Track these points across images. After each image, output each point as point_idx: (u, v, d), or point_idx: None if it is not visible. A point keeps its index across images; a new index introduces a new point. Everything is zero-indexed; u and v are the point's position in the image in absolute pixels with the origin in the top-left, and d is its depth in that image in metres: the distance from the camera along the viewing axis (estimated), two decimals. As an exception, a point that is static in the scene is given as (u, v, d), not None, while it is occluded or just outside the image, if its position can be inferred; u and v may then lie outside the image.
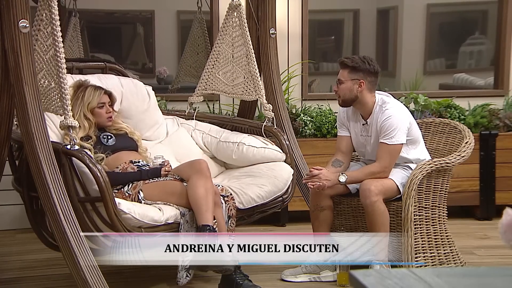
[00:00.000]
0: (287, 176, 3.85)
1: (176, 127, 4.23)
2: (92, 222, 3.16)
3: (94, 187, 3.07)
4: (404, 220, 3.49)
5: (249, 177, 3.84)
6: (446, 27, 7.29)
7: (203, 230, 3.22)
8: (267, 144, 3.97)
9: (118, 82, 4.03)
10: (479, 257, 4.10)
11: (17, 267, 3.96)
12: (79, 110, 3.53)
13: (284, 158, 3.96)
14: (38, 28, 3.12)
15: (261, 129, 4.05)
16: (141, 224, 3.17)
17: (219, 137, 4.09)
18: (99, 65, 4.17)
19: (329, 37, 7.40)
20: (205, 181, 3.34)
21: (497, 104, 5.13)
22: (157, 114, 4.20)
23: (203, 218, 3.25)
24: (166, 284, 3.65)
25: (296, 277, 3.68)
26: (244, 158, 3.97)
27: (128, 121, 3.90)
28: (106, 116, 3.63)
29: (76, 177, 3.11)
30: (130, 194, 3.35)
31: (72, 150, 3.07)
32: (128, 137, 3.72)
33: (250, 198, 3.63)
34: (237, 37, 4.16)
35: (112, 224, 3.08)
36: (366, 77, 3.58)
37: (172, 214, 3.30)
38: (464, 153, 3.69)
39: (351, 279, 1.45)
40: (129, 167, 3.47)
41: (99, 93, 3.63)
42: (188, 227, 3.33)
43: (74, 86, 3.61)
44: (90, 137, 3.53)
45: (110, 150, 3.53)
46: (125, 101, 3.99)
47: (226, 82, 4.24)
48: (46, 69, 3.13)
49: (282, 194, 3.82)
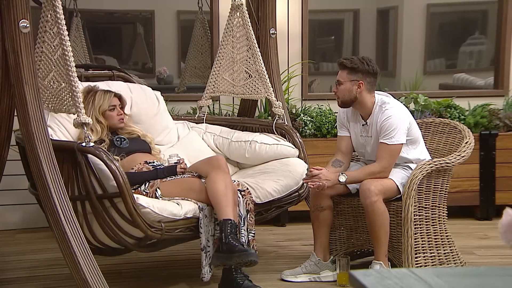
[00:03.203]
0: (302, 170, 3.85)
1: (187, 131, 4.25)
2: (112, 220, 3.14)
3: (111, 183, 3.06)
4: (404, 220, 3.49)
5: (264, 173, 3.85)
6: (446, 27, 7.29)
7: (225, 225, 3.23)
8: (279, 140, 3.99)
9: (127, 88, 4.06)
10: (479, 257, 4.10)
11: (17, 267, 3.96)
12: (90, 114, 3.54)
13: (297, 153, 3.98)
14: (44, 29, 3.12)
15: (272, 127, 4.07)
16: (161, 218, 3.17)
17: (231, 138, 4.11)
18: (107, 73, 4.21)
19: (329, 37, 7.40)
20: (224, 176, 3.36)
21: (497, 104, 5.14)
22: (167, 118, 4.22)
23: (224, 213, 3.26)
24: (166, 284, 3.66)
25: (296, 277, 3.68)
26: (257, 156, 3.98)
27: (139, 126, 3.91)
28: (117, 118, 3.67)
29: (93, 174, 3.10)
30: (148, 192, 3.36)
31: (87, 147, 3.07)
32: (141, 139, 3.75)
33: (266, 192, 3.64)
34: (241, 37, 4.17)
35: (132, 219, 3.08)
36: (365, 77, 3.58)
37: (190, 209, 3.30)
38: (464, 153, 3.69)
39: (351, 279, 1.45)
40: (144, 168, 3.49)
41: (109, 96, 3.66)
42: (208, 221, 3.34)
43: (84, 91, 3.62)
44: (104, 140, 3.56)
45: (124, 152, 3.55)
46: (134, 107, 4.01)
47: (234, 83, 4.24)
48: (55, 70, 3.12)
49: (298, 188, 3.83)
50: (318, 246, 3.71)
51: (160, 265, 4.00)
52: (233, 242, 3.20)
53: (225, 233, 3.21)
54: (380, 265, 3.51)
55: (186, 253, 4.10)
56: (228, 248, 3.20)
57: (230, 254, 3.20)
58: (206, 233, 3.32)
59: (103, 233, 3.20)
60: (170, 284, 3.64)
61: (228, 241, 3.20)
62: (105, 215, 3.14)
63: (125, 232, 3.17)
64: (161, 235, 3.18)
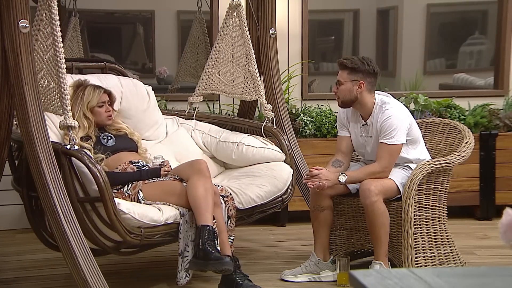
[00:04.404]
0: (287, 176, 3.86)
1: (176, 127, 4.23)
2: (92, 223, 3.16)
3: (93, 187, 3.07)
4: (404, 220, 3.49)
5: (249, 177, 3.84)
6: (446, 27, 7.29)
7: (202, 231, 3.22)
8: (266, 144, 3.97)
9: (117, 82, 4.03)
10: (479, 257, 4.10)
11: (17, 267, 3.96)
12: (78, 109, 3.53)
13: (283, 158, 3.96)
14: (38, 28, 3.12)
15: (261, 129, 4.05)
16: (141, 224, 3.17)
17: (219, 137, 4.09)
18: (99, 65, 4.17)
19: (329, 37, 7.39)
20: (204, 181, 3.34)
21: (497, 104, 5.13)
22: (156, 114, 4.20)
23: (202, 218, 3.25)
24: (165, 284, 3.65)
25: (296, 277, 3.68)
26: (243, 158, 3.97)
27: (127, 121, 3.89)
28: (105, 115, 3.63)
29: (76, 177, 3.11)
30: (130, 194, 3.35)
31: (71, 150, 3.07)
32: (128, 137, 3.72)
33: (249, 198, 3.63)
34: (237, 37, 4.16)
35: (111, 224, 3.08)
36: (366, 78, 3.58)
37: (171, 214, 3.30)
38: (464, 153, 3.69)
39: (351, 279, 1.45)
40: (128, 168, 3.47)
41: (98, 92, 3.63)
42: (188, 227, 3.33)
43: (73, 85, 3.61)
44: (90, 137, 3.53)
45: (110, 150, 3.53)
46: (124, 101, 3.99)
47: (226, 82, 4.24)
48: (45, 69, 3.13)
49: (282, 194, 3.83)
50: (318, 246, 3.71)
51: (160, 265, 4.00)
52: (209, 249, 3.19)
53: (202, 239, 3.21)
54: (380, 265, 3.51)
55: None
56: (204, 255, 3.19)
57: (206, 261, 3.19)
58: (185, 238, 3.31)
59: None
60: (170, 284, 3.63)
61: (204, 247, 3.19)
62: (85, 217, 3.14)
63: (104, 235, 3.17)
64: (140, 241, 3.17)
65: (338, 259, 3.60)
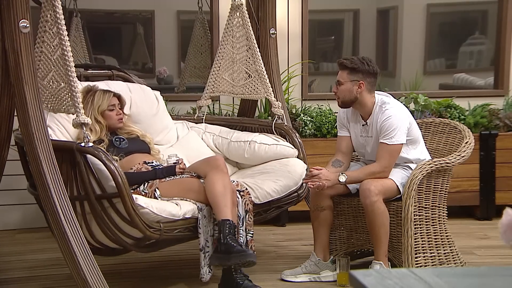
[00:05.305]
0: (301, 171, 3.86)
1: (186, 131, 4.25)
2: (110, 220, 3.15)
3: (110, 184, 3.06)
4: (404, 220, 3.49)
5: (263, 174, 3.86)
6: (446, 27, 7.29)
7: (223, 225, 3.23)
8: (278, 141, 3.99)
9: (126, 88, 4.06)
10: (479, 257, 4.10)
11: (17, 267, 3.96)
12: (89, 114, 3.54)
13: (296, 153, 3.98)
14: (43, 29, 3.12)
15: (271, 127, 4.07)
16: (159, 218, 3.17)
17: (230, 138, 4.11)
18: (106, 73, 4.21)
19: (329, 37, 7.40)
20: (222, 177, 3.36)
21: (497, 104, 5.13)
22: (166, 118, 4.22)
23: (222, 213, 3.26)
24: (166, 284, 3.65)
25: (296, 277, 3.68)
26: (256, 156, 3.98)
27: (138, 126, 3.91)
28: (116, 118, 3.67)
29: (92, 175, 3.10)
30: (147, 192, 3.36)
31: (86, 148, 3.07)
32: (140, 139, 3.75)
33: (265, 193, 3.64)
34: (241, 37, 4.17)
35: (130, 220, 3.08)
36: (366, 78, 3.58)
37: (189, 209, 3.30)
38: (464, 153, 3.69)
39: (351, 279, 1.45)
40: (143, 168, 3.49)
41: (108, 96, 3.66)
42: (207, 222, 3.34)
43: (83, 91, 3.62)
44: (103, 140, 3.56)
45: (123, 152, 3.55)
46: (134, 107, 4.01)
47: (233, 83, 4.24)
48: (54, 70, 3.12)
49: (297, 189, 3.84)
50: (318, 246, 3.71)
51: (160, 265, 4.00)
52: (231, 242, 3.20)
53: (223, 234, 3.22)
54: (380, 265, 3.51)
55: (186, 253, 4.10)
56: (226, 249, 3.20)
57: (228, 254, 3.20)
58: (205, 233, 3.32)
59: (102, 233, 3.20)
60: (170, 284, 3.64)
61: (226, 241, 3.20)
62: (104, 215, 3.14)
63: (123, 232, 3.16)
64: (159, 236, 3.17)
65: (338, 259, 3.60)
